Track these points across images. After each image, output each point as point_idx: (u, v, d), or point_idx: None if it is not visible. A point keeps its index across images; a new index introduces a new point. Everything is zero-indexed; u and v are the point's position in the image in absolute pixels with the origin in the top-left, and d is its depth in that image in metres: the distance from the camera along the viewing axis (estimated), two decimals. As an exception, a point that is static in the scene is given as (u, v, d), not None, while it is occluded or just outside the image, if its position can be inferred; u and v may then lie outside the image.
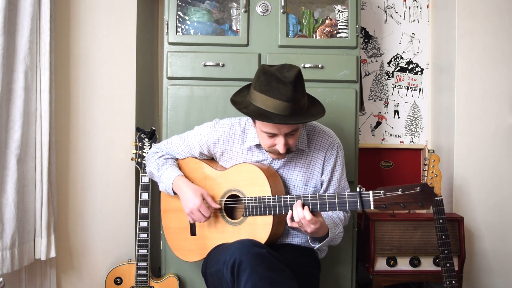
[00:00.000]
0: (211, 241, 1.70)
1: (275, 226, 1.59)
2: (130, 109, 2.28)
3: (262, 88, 1.49)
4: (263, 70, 1.51)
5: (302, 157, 1.71)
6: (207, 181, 1.73)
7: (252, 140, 1.69)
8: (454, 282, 1.95)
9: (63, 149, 2.23)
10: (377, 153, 2.63)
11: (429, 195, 1.35)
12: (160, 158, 1.79)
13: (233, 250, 1.43)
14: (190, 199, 1.63)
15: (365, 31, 2.65)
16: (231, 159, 1.74)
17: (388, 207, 1.38)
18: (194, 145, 1.77)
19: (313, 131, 1.73)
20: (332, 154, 1.70)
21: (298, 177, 1.70)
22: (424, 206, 1.36)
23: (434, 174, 2.02)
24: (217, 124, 1.75)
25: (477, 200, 2.37)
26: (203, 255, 1.72)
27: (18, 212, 1.94)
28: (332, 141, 1.71)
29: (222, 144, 1.73)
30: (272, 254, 1.43)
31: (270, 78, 1.48)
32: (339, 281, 2.12)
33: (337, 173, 1.72)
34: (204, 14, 2.17)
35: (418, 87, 2.68)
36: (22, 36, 1.95)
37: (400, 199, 1.37)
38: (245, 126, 1.72)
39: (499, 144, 2.37)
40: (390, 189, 1.38)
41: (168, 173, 1.71)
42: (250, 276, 1.35)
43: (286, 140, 1.54)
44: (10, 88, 1.93)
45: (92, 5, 2.24)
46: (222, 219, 1.69)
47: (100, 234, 2.28)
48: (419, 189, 1.35)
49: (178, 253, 1.80)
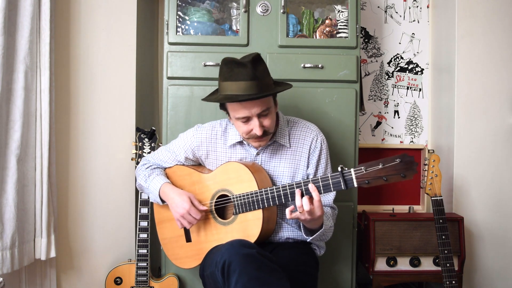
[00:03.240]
0: (207, 245, 1.71)
1: (266, 219, 1.61)
2: (130, 109, 2.28)
3: (225, 76, 1.57)
4: (224, 61, 1.60)
5: (286, 152, 1.73)
6: (196, 185, 1.75)
7: (234, 138, 1.73)
8: (454, 282, 1.95)
9: (63, 149, 2.23)
10: (377, 153, 2.63)
11: (409, 165, 1.36)
12: (147, 169, 1.82)
13: (223, 251, 1.44)
14: (179, 203, 1.65)
15: (365, 31, 2.65)
16: (216, 160, 1.77)
17: (371, 182, 1.39)
18: (179, 151, 1.80)
19: (295, 126, 1.76)
20: (316, 147, 1.73)
21: (284, 172, 1.72)
22: (406, 177, 1.36)
23: (434, 174, 2.02)
24: (199, 128, 1.80)
25: (477, 200, 2.37)
26: (200, 260, 1.73)
27: (18, 212, 1.94)
28: (316, 135, 1.74)
29: (206, 146, 1.76)
30: (262, 254, 1.43)
31: (231, 65, 1.56)
32: (339, 281, 2.12)
33: (322, 165, 1.74)
34: (204, 14, 2.17)
35: (418, 87, 2.68)
36: (22, 36, 1.95)
37: (382, 173, 1.38)
38: (226, 126, 1.77)
39: (499, 144, 2.37)
40: (371, 164, 1.39)
41: (155, 182, 1.74)
42: (240, 277, 1.35)
43: (260, 122, 1.59)
44: (10, 88, 1.93)
45: (92, 5, 2.24)
46: (214, 220, 1.69)
47: (100, 234, 2.28)
48: (399, 160, 1.36)
49: (177, 262, 1.80)
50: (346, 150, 2.10)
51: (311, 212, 1.48)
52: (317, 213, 1.49)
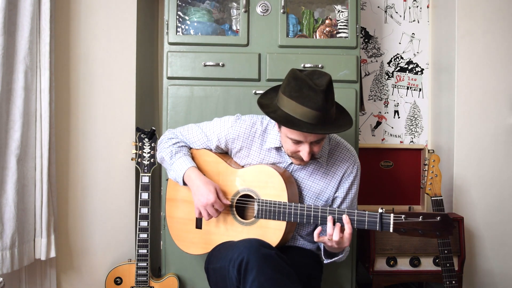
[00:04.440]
0: (217, 237, 1.69)
1: (287, 232, 1.59)
2: (130, 109, 2.28)
3: (292, 94, 1.45)
4: (293, 75, 1.47)
5: (320, 169, 1.68)
6: (220, 176, 1.70)
7: (273, 142, 1.66)
8: (454, 282, 1.95)
9: (63, 149, 2.23)
10: (377, 153, 2.63)
11: (447, 226, 1.36)
12: (174, 145, 1.74)
13: (241, 248, 1.42)
14: (204, 193, 1.59)
15: (365, 31, 2.65)
16: (247, 157, 1.71)
17: (407, 232, 1.39)
18: (212, 137, 1.72)
19: (336, 146, 1.70)
20: (352, 172, 1.68)
21: (312, 187, 1.68)
22: (441, 236, 1.37)
23: (434, 174, 2.02)
24: (239, 120, 1.70)
25: (477, 200, 2.37)
26: (206, 250, 1.71)
27: (18, 212, 1.94)
28: (354, 160, 1.69)
29: (241, 140, 1.69)
30: (281, 256, 1.43)
31: (301, 84, 1.44)
32: (339, 281, 2.12)
33: (352, 193, 1.70)
34: (204, 14, 2.17)
35: (418, 87, 2.68)
36: (22, 36, 1.95)
37: (419, 226, 1.38)
38: (266, 126, 1.69)
39: (499, 144, 2.37)
40: (411, 215, 1.39)
41: (181, 162, 1.67)
42: (257, 276, 1.35)
43: (311, 148, 1.51)
44: (10, 88, 1.93)
45: (92, 5, 2.24)
46: (232, 217, 1.67)
47: (100, 234, 2.28)
48: (439, 218, 1.36)
49: (180, 244, 1.77)
50: (346, 150, 2.10)
51: (339, 242, 1.46)
52: (344, 244, 1.47)
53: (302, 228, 1.72)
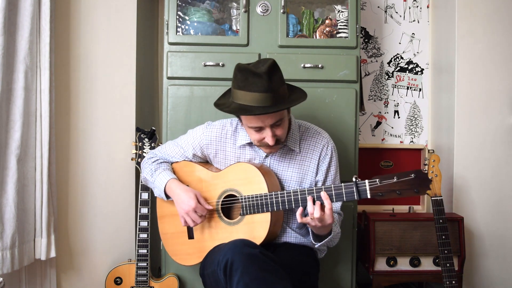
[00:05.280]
0: (209, 243, 1.70)
1: (273, 223, 1.60)
2: (130, 109, 2.28)
3: (239, 84, 1.53)
4: (238, 68, 1.55)
5: (296, 157, 1.72)
6: (203, 183, 1.74)
7: (244, 139, 1.71)
8: (454, 282, 1.95)
9: (63, 149, 2.23)
10: (377, 153, 2.63)
11: (423, 181, 1.36)
12: (153, 163, 1.80)
13: (225, 250, 1.43)
14: (184, 200, 1.64)
15: (365, 31, 2.65)
16: (224, 159, 1.76)
17: (385, 195, 1.40)
18: (187, 147, 1.79)
19: (306, 131, 1.74)
20: (327, 154, 1.72)
21: (292, 177, 1.71)
22: (419, 192, 1.37)
23: (434, 174, 2.02)
24: (209, 126, 1.78)
25: (477, 200, 2.37)
26: (201, 258, 1.72)
27: (18, 212, 1.94)
28: (326, 142, 1.73)
29: (215, 144, 1.75)
30: (265, 254, 1.43)
31: (246, 73, 1.51)
32: (339, 281, 2.13)
33: (332, 173, 1.74)
34: (204, 14, 2.17)
35: (418, 87, 2.68)
36: (22, 36, 1.95)
37: (396, 187, 1.38)
38: (236, 126, 1.76)
39: (499, 144, 2.37)
40: (385, 177, 1.40)
41: (161, 178, 1.72)
42: (242, 276, 1.35)
43: (273, 132, 1.56)
44: (10, 88, 1.93)
45: (92, 5, 2.24)
46: (220, 220, 1.69)
47: (100, 234, 2.28)
48: (414, 175, 1.37)
49: (177, 258, 1.80)
50: (346, 150, 2.10)
51: (322, 219, 1.48)
52: (327, 221, 1.49)
53: (291, 221, 1.73)
